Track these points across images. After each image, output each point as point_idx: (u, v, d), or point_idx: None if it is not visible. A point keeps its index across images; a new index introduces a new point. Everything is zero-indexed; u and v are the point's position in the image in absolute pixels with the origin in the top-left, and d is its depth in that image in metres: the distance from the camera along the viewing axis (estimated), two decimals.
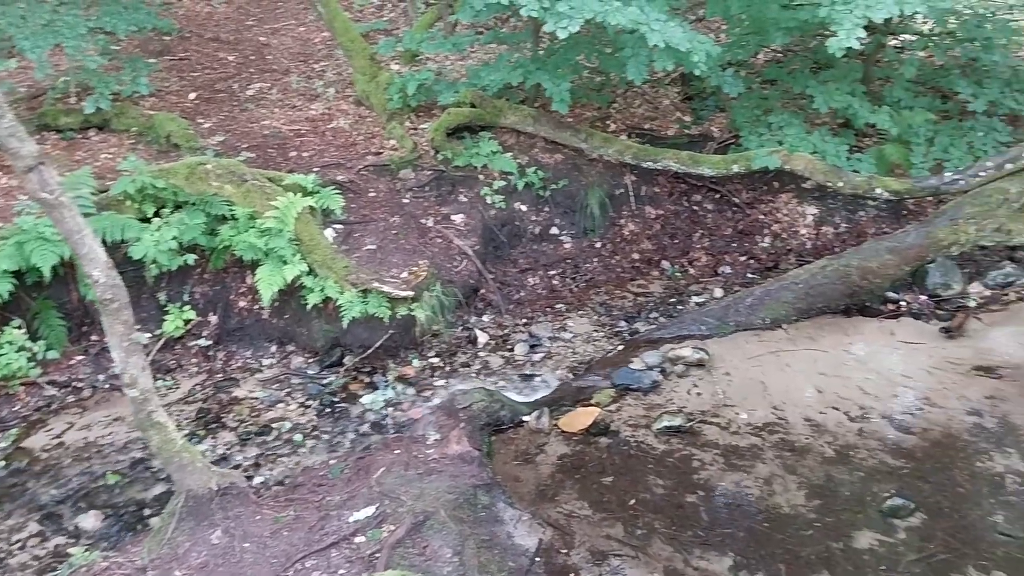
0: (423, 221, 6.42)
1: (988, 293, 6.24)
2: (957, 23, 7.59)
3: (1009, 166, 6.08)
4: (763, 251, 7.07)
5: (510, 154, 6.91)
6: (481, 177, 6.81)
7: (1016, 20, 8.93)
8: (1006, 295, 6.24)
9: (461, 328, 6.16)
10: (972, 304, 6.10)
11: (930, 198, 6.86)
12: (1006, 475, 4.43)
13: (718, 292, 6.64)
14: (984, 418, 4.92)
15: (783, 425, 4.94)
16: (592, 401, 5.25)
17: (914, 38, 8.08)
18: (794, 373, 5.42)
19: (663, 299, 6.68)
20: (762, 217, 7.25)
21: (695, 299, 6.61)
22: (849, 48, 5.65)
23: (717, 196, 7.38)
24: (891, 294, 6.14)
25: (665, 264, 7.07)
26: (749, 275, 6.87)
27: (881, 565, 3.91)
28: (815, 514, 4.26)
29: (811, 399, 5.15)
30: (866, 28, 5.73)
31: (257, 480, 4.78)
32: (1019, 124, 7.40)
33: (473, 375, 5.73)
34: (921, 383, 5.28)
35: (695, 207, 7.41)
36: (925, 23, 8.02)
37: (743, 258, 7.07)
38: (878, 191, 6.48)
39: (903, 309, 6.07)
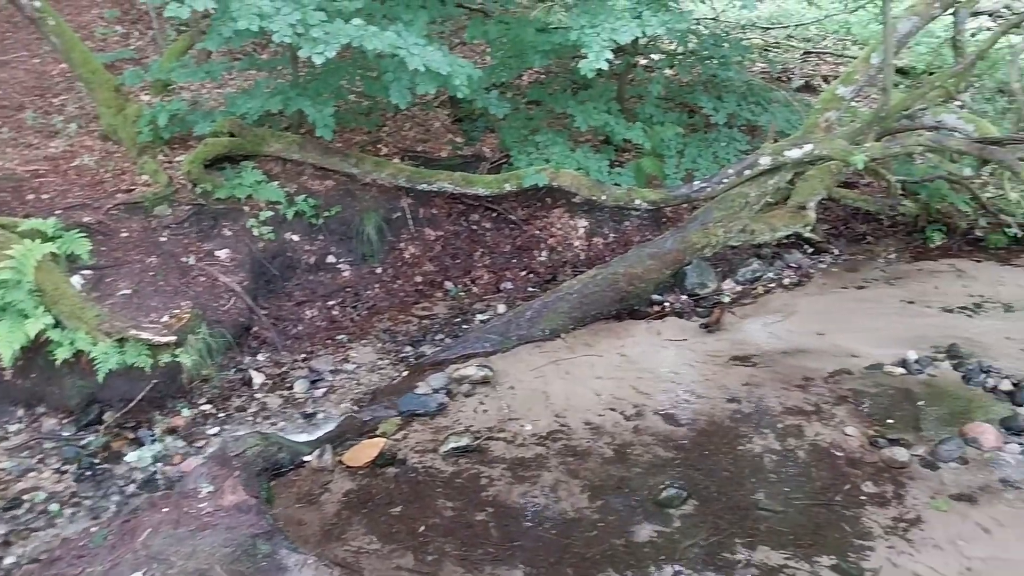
0: (184, 259, 6.00)
1: (739, 289, 6.80)
2: (697, 43, 8.27)
3: (747, 172, 6.64)
4: (541, 265, 7.28)
5: (276, 183, 6.65)
6: (246, 209, 6.50)
7: (749, 39, 9.90)
8: (755, 289, 6.82)
9: (234, 370, 5.81)
10: (726, 300, 6.61)
11: (684, 205, 7.38)
12: (764, 454, 4.78)
13: (501, 308, 6.75)
14: (742, 404, 5.29)
15: (566, 432, 5.06)
16: (378, 432, 5.11)
17: (661, 57, 8.71)
18: (574, 380, 5.58)
19: (448, 320, 6.68)
20: (538, 232, 7.47)
21: (480, 317, 6.67)
22: (600, 69, 5.93)
23: (495, 214, 7.52)
24: (656, 296, 6.52)
25: (448, 285, 7.09)
26: (530, 289, 7.04)
27: (660, 555, 4.07)
28: (598, 514, 4.37)
29: (590, 403, 5.32)
30: (616, 50, 6.06)
31: (8, 561, 4.22)
32: (756, 133, 8.16)
33: (250, 419, 5.41)
34: (687, 377, 5.61)
35: (474, 226, 7.50)
36: (671, 44, 8.68)
37: (523, 273, 7.24)
38: (637, 202, 6.87)
39: (667, 309, 6.46)
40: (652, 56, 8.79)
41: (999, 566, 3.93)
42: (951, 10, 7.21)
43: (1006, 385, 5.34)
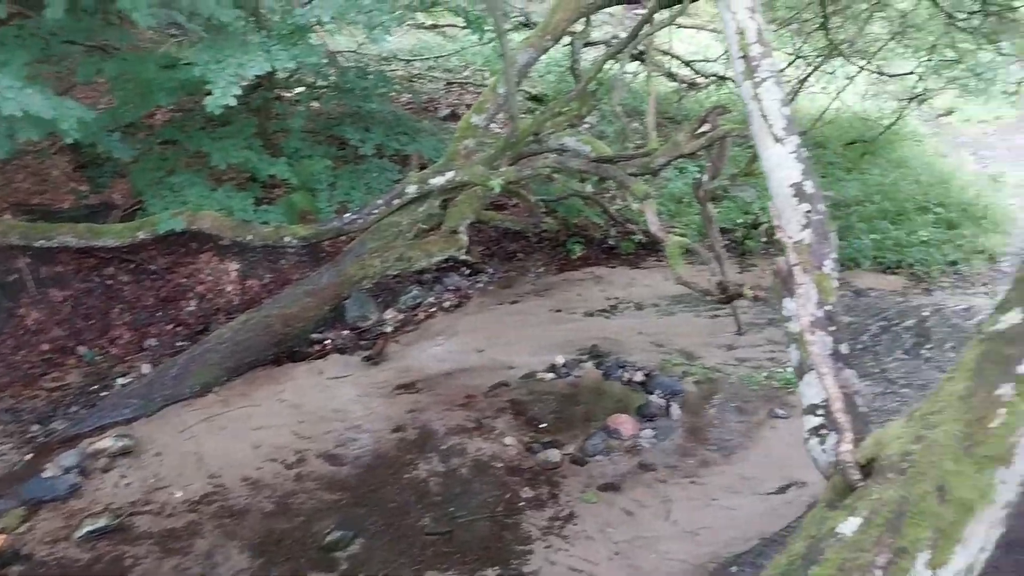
0: None
1: (401, 316, 6.84)
2: (338, 76, 8.25)
3: (396, 201, 6.70)
4: (191, 315, 6.74)
5: None
6: None
7: (393, 71, 10.12)
8: (416, 315, 6.90)
9: None
10: (389, 329, 6.61)
11: (343, 238, 7.28)
12: (429, 479, 4.79)
13: (146, 368, 6.11)
14: (407, 431, 5.28)
15: (221, 492, 4.66)
16: None
17: (303, 91, 8.57)
18: (229, 435, 5.19)
19: (83, 389, 5.91)
20: (185, 280, 6.91)
21: (121, 381, 5.99)
22: (231, 105, 5.63)
23: (133, 266, 6.82)
24: (316, 335, 6.33)
25: (82, 349, 6.28)
26: (179, 343, 6.46)
27: None
28: (259, 574, 4.06)
29: (248, 457, 4.97)
30: (254, 85, 5.79)
31: None
32: (408, 162, 8.31)
33: None
34: (352, 414, 5.48)
35: (110, 281, 6.75)
36: (314, 77, 8.57)
37: (170, 327, 6.64)
38: (287, 239, 6.64)
39: (329, 347, 6.30)
40: (296, 90, 8.63)
41: (642, 544, 4.27)
42: (568, 41, 7.94)
43: (639, 376, 5.90)
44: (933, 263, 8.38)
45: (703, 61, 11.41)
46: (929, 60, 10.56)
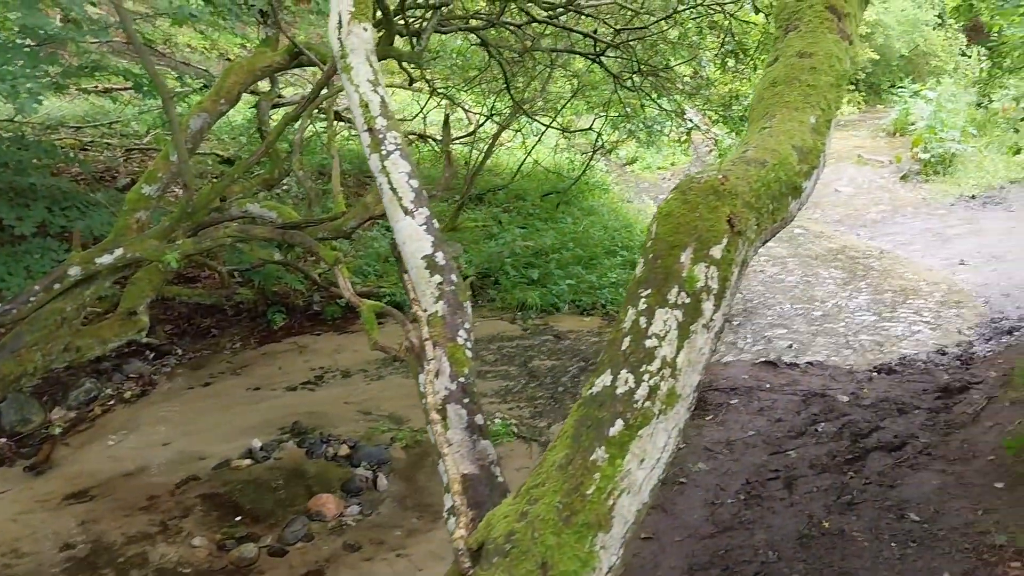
0: None
1: (73, 415, 6.06)
2: None
3: (58, 286, 5.95)
4: None
5: None
6: None
7: (60, 139, 9.16)
8: (91, 411, 6.15)
9: None
10: (58, 431, 5.82)
11: None
12: None
13: None
14: (78, 548, 4.61)
15: None
16: None
17: None
18: None
19: None
20: None
21: None
22: None
23: None
24: None
25: None
26: None
27: None
28: None
29: None
30: None
31: None
32: (73, 240, 7.48)
33: None
34: (7, 536, 4.69)
35: None
36: None
37: None
38: None
39: None
40: None
41: None
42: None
43: (344, 450, 5.67)
44: (622, 303, 9.05)
45: (399, 120, 11.58)
46: (604, 116, 11.58)
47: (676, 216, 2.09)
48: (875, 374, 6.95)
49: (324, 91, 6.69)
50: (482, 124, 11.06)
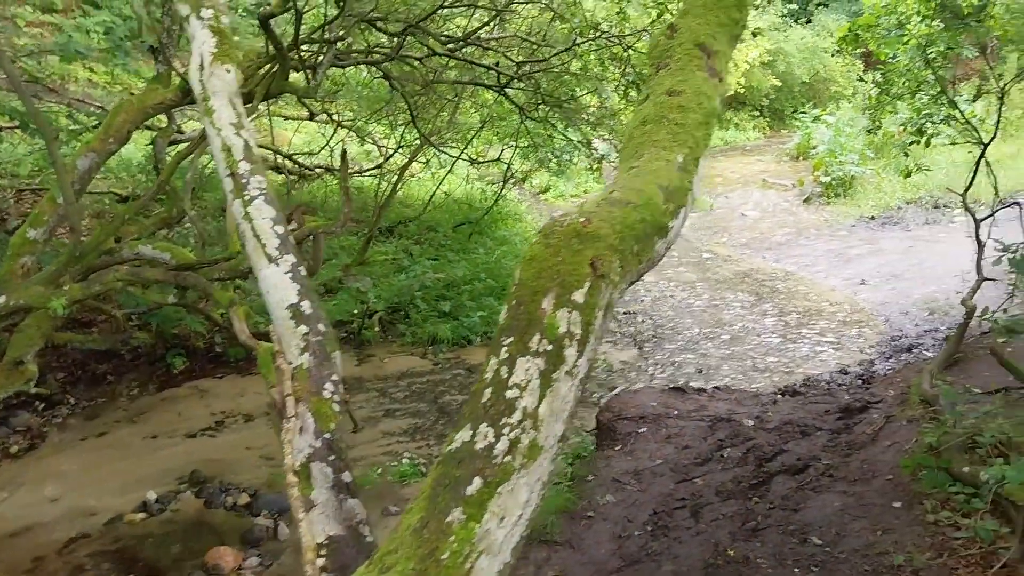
0: None
1: None
2: None
3: None
4: None
5: None
6: None
7: None
8: None
9: None
10: None
11: None
12: None
13: None
14: None
15: None
16: None
17: None
18: None
19: None
20: None
21: None
22: None
23: None
24: None
25: None
26: None
27: None
28: None
29: None
30: None
31: None
32: None
33: None
34: None
35: None
36: None
37: None
38: None
39: None
40: None
41: None
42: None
43: (244, 499, 5.47)
44: None
45: (307, 154, 11.43)
46: (514, 146, 11.65)
47: (539, 261, 2.06)
48: (780, 396, 7.08)
49: None
50: (390, 156, 10.98)
